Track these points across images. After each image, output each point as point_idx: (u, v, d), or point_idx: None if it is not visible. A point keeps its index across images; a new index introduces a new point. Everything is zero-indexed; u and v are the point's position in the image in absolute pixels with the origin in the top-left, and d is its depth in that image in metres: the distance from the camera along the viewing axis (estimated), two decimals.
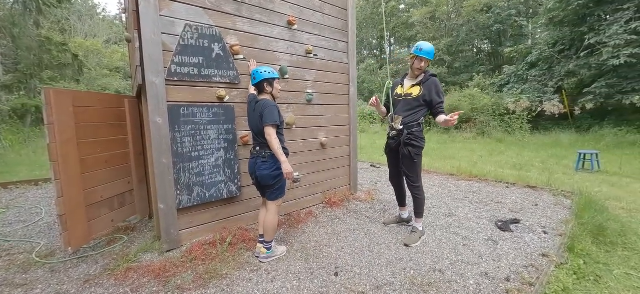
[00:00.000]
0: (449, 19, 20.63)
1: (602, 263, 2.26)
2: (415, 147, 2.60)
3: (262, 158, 2.26)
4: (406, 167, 2.68)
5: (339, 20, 3.82)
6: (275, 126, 2.18)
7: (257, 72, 2.29)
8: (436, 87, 2.57)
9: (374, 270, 2.21)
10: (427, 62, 2.62)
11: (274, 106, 2.23)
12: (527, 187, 4.36)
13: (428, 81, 2.60)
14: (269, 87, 2.31)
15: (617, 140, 8.98)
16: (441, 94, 2.58)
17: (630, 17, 9.53)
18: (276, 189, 2.32)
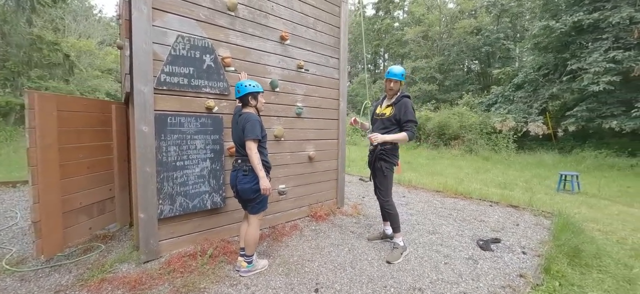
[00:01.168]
0: (441, 39, 21.32)
1: (576, 285, 2.32)
2: (386, 162, 2.76)
3: (242, 172, 2.24)
4: (378, 181, 2.85)
5: (332, 37, 3.91)
6: (256, 140, 2.17)
7: (242, 86, 2.28)
8: (405, 107, 2.72)
9: (355, 287, 2.21)
10: (397, 83, 2.80)
11: (257, 120, 2.23)
12: (510, 206, 4.46)
13: (399, 102, 2.77)
14: (253, 100, 2.32)
15: (598, 162, 9.32)
16: (409, 113, 2.69)
17: (608, 46, 10.07)
18: (257, 202, 2.30)
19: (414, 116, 2.73)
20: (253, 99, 2.32)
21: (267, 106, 3.21)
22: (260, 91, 2.35)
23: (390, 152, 2.78)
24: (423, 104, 17.69)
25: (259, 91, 2.33)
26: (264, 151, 2.31)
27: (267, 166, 2.30)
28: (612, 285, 2.39)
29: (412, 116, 2.70)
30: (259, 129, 2.19)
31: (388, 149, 2.77)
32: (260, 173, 2.14)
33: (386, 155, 2.77)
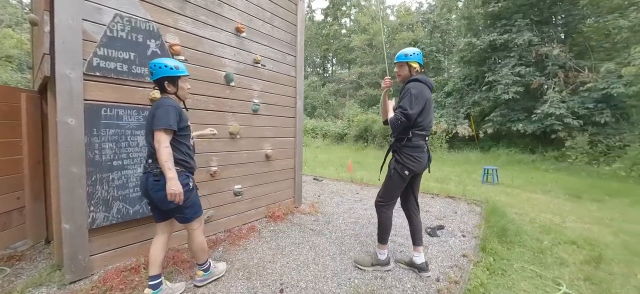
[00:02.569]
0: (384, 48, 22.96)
1: (505, 258, 2.71)
2: (397, 162, 2.25)
3: (153, 176, 1.75)
4: (385, 179, 2.37)
5: (288, 34, 3.86)
6: (169, 131, 1.71)
7: (155, 66, 1.80)
8: (405, 93, 2.17)
9: (320, 283, 2.20)
10: (403, 66, 2.29)
11: (171, 105, 1.76)
12: (448, 197, 5.01)
13: (403, 89, 2.25)
14: (171, 86, 1.86)
15: (509, 158, 11.13)
16: (404, 99, 2.14)
17: (515, 62, 12.13)
18: (186, 209, 1.85)
19: (411, 104, 2.10)
20: (171, 85, 1.86)
21: (221, 100, 3.01)
22: (182, 74, 1.88)
23: (403, 149, 2.22)
24: (369, 108, 18.76)
25: (178, 75, 1.86)
26: (183, 147, 1.86)
27: (186, 166, 1.87)
28: (530, 256, 2.86)
29: (405, 102, 2.12)
30: (174, 118, 1.73)
31: (403, 145, 2.23)
32: (168, 173, 1.66)
33: (399, 152, 2.25)
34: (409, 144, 2.21)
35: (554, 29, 12.65)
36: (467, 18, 15.56)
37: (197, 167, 2.07)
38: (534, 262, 2.74)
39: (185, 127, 1.88)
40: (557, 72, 11.39)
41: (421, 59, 2.30)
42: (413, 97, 2.10)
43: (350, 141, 15.96)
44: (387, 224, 2.39)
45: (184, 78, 1.93)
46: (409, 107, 2.09)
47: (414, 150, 2.21)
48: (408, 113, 2.09)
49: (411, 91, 2.12)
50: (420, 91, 2.13)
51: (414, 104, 2.10)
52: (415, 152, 2.21)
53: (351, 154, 12.71)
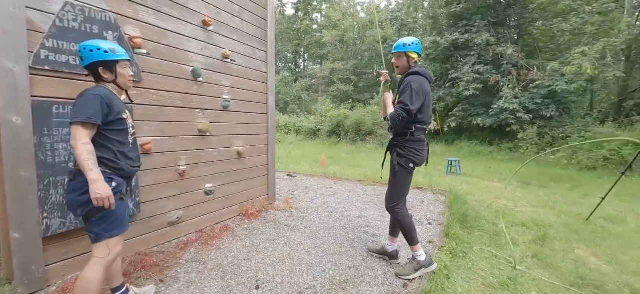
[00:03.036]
0: (355, 44, 23.34)
1: (466, 242, 2.95)
2: (400, 156, 2.17)
3: (68, 175, 1.53)
4: (389, 180, 2.29)
5: (258, 29, 3.79)
6: (86, 124, 1.41)
7: (85, 50, 1.52)
8: (405, 87, 2.08)
9: (296, 277, 2.24)
10: (401, 57, 2.20)
11: (96, 95, 1.48)
12: (416, 188, 5.29)
13: (402, 82, 2.16)
14: (108, 73, 1.59)
15: (470, 150, 11.96)
16: (405, 93, 2.05)
17: (474, 61, 13.00)
18: (98, 220, 1.49)
19: (412, 99, 2.02)
20: (107, 72, 1.58)
21: (189, 97, 2.89)
22: (120, 58, 1.61)
23: (405, 143, 2.16)
24: (341, 103, 19.02)
25: (115, 59, 1.58)
26: (112, 144, 1.55)
27: (112, 166, 1.53)
28: (487, 239, 3.14)
29: (406, 97, 2.03)
30: (96, 109, 1.44)
31: (405, 141, 2.16)
32: (89, 174, 1.37)
33: (400, 146, 2.18)
34: (412, 139, 2.16)
35: (508, 30, 13.75)
36: (432, 17, 16.33)
37: (137, 169, 1.74)
38: (490, 244, 3.01)
39: (118, 120, 1.57)
40: (510, 70, 12.41)
41: (420, 49, 2.21)
42: (414, 92, 2.02)
43: (323, 136, 16.09)
44: (409, 223, 2.26)
45: (124, 63, 1.65)
46: (410, 102, 2.02)
47: (416, 144, 2.17)
48: (409, 109, 2.02)
49: (412, 86, 2.03)
50: (420, 85, 2.06)
51: (415, 99, 2.03)
52: (417, 146, 2.17)
53: (324, 149, 12.83)
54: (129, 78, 1.71)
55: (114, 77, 1.63)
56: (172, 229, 2.77)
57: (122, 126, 1.61)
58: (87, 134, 1.43)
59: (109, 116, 1.52)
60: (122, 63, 1.65)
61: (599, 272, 2.51)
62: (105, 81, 1.61)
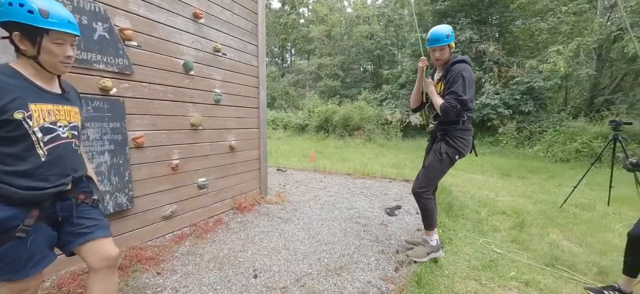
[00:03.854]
0: (342, 40, 23.37)
1: (452, 229, 3.11)
2: (448, 146, 2.13)
3: None
4: (426, 163, 2.28)
5: (249, 22, 3.78)
6: None
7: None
8: (452, 76, 2.02)
9: (292, 265, 2.31)
10: (443, 50, 2.15)
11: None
12: (404, 180, 5.46)
13: (449, 71, 2.09)
14: (27, 44, 1.10)
15: None
16: (455, 83, 1.99)
17: None
18: None
19: (464, 89, 1.97)
20: (25, 42, 1.10)
21: (180, 90, 2.87)
22: (52, 27, 1.11)
23: (456, 133, 2.12)
24: (329, 99, 19.09)
25: (46, 28, 1.09)
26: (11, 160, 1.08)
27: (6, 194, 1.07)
28: (471, 226, 3.32)
29: (458, 87, 1.98)
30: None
31: (458, 129, 2.12)
32: None
33: (451, 136, 2.13)
34: (462, 128, 2.13)
35: (490, 28, 14.21)
36: (418, 14, 16.60)
37: (52, 191, 1.16)
38: (474, 230, 3.20)
39: (5, 122, 1.04)
40: (492, 67, 12.87)
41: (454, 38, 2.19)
42: (466, 81, 1.97)
43: (311, 131, 16.13)
44: (433, 209, 2.28)
45: (58, 36, 1.12)
46: (464, 92, 1.97)
47: (465, 133, 2.15)
48: (463, 99, 1.96)
49: (463, 75, 1.98)
50: (471, 75, 2.03)
51: (468, 88, 1.97)
52: (466, 136, 2.15)
53: (313, 144, 12.89)
54: (62, 59, 1.16)
55: (35, 52, 1.10)
56: (166, 223, 2.77)
57: (13, 131, 1.06)
58: None
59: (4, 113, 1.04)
60: (55, 35, 1.11)
61: (571, 253, 2.73)
62: (22, 53, 1.12)
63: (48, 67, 1.17)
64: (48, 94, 1.20)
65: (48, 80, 1.21)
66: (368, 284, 2.06)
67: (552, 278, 2.31)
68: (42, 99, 1.16)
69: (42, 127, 1.14)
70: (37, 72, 1.17)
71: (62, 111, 1.23)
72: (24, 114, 1.09)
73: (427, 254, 2.33)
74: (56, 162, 1.18)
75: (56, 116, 1.20)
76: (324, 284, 2.05)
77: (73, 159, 1.28)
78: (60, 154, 1.20)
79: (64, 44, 1.17)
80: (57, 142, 1.19)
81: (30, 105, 1.11)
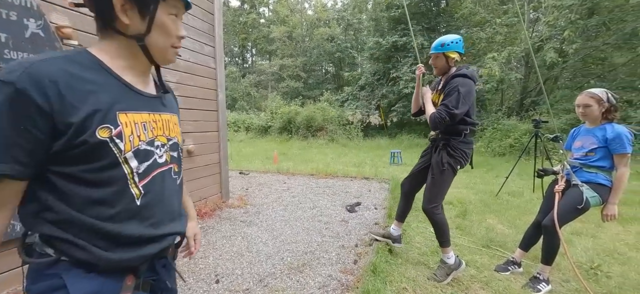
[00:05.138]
0: (304, 41, 23.55)
1: (406, 221, 3.38)
2: (450, 156, 2.10)
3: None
4: (429, 178, 2.20)
5: (205, 23, 3.69)
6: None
7: None
8: (452, 89, 1.97)
9: (255, 267, 2.33)
10: (440, 58, 2.11)
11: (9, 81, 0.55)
12: (364, 178, 5.75)
13: (448, 84, 2.05)
14: (131, 14, 0.68)
15: (410, 142, 13.26)
16: (453, 97, 1.94)
17: (411, 62, 14.38)
18: None
19: (458, 103, 1.93)
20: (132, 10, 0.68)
21: None
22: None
23: (458, 144, 2.09)
24: (292, 100, 19.10)
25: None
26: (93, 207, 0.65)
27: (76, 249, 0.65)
28: (422, 217, 3.62)
29: (452, 100, 1.94)
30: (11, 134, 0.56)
31: (459, 142, 2.09)
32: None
33: (451, 147, 2.10)
34: (464, 141, 2.12)
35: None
36: (375, 20, 17.45)
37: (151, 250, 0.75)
38: (424, 221, 3.50)
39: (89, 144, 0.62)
40: None
41: (462, 48, 2.08)
42: (461, 96, 1.93)
43: (274, 133, 15.98)
44: (445, 223, 2.21)
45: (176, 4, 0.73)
46: (456, 106, 1.93)
47: (466, 146, 2.14)
48: (454, 113, 1.93)
49: (459, 89, 1.93)
50: (469, 90, 1.96)
51: (461, 103, 1.93)
52: (467, 148, 2.15)
53: (276, 146, 12.80)
54: (175, 42, 0.77)
55: (144, 29, 0.69)
56: None
57: (95, 160, 0.64)
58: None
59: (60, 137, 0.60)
60: (173, 3, 0.72)
61: (503, 234, 3.17)
62: (118, 30, 0.70)
63: (156, 54, 0.74)
64: (142, 97, 0.75)
65: (141, 75, 0.77)
66: (329, 278, 2.18)
67: (487, 257, 2.66)
68: (136, 105, 0.72)
69: (136, 151, 0.70)
70: (131, 63, 0.73)
71: (160, 121, 0.79)
72: (112, 130, 0.65)
73: (446, 276, 2.19)
74: (155, 204, 0.75)
75: (153, 130, 0.76)
76: (287, 282, 2.12)
77: (176, 196, 0.86)
78: (159, 191, 0.76)
79: (178, 19, 0.76)
80: (154, 172, 0.75)
81: (120, 116, 0.67)
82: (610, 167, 2.02)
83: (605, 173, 2.04)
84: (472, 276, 2.34)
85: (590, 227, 3.40)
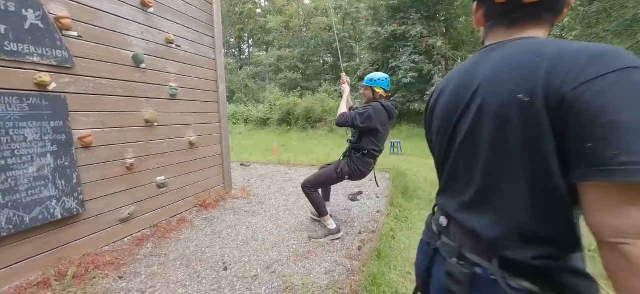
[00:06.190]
0: (301, 31, 23.27)
1: (407, 209, 3.44)
2: (347, 165, 2.55)
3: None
4: (328, 166, 2.74)
5: (203, 13, 3.64)
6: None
7: None
8: (366, 107, 2.39)
9: (262, 255, 2.37)
10: (368, 90, 2.56)
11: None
12: None
13: (369, 104, 2.49)
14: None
15: (410, 132, 13.29)
16: (364, 113, 2.33)
17: (411, 51, 14.27)
18: None
19: (363, 119, 2.34)
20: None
21: (131, 85, 2.70)
22: None
23: (357, 159, 2.51)
24: (290, 91, 19.00)
25: None
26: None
27: None
28: (425, 205, 3.70)
29: (361, 115, 2.35)
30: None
31: (356, 156, 2.52)
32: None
33: (352, 160, 2.54)
34: (363, 160, 2.51)
35: (438, 24, 15.34)
36: (373, 8, 17.23)
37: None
38: (426, 208, 3.56)
39: None
40: (440, 60, 13.98)
41: (387, 85, 2.53)
42: (370, 115, 2.33)
43: (273, 125, 15.96)
44: (318, 199, 2.67)
45: None
46: (360, 121, 2.34)
47: (363, 165, 2.54)
48: (356, 124, 2.36)
49: (370, 111, 2.35)
50: (377, 114, 2.36)
51: (366, 121, 2.34)
52: (363, 166, 2.54)
53: (276, 138, 12.80)
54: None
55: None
56: (124, 226, 2.61)
57: None
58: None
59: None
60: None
61: None
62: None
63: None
64: None
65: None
66: (334, 263, 2.22)
67: None
68: None
69: None
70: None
71: None
72: None
73: (325, 236, 2.64)
74: None
75: None
76: (294, 268, 2.16)
77: None
78: None
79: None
80: None
81: None
82: None
83: None
84: None
85: None
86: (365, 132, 2.45)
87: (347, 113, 2.41)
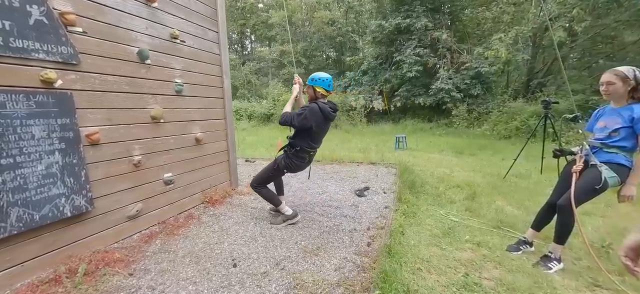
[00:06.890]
0: (304, 26, 23.06)
1: (415, 204, 3.40)
2: (283, 159, 2.72)
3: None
4: (268, 165, 2.91)
5: (208, 7, 3.59)
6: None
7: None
8: (306, 107, 2.55)
9: (270, 251, 2.36)
10: (309, 88, 2.69)
11: None
12: (370, 163, 5.74)
13: (308, 104, 2.65)
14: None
15: (414, 127, 13.17)
16: (302, 113, 2.49)
17: (415, 44, 14.07)
18: None
19: (299, 118, 2.48)
20: None
21: (137, 81, 2.68)
22: None
23: (292, 154, 2.69)
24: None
25: None
26: None
27: None
28: (432, 200, 3.66)
29: (299, 115, 2.49)
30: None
31: (291, 151, 2.69)
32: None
33: (287, 154, 2.73)
34: (297, 155, 2.68)
35: (443, 16, 15.09)
36: (377, 1, 16.98)
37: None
38: (434, 203, 3.52)
39: None
40: (445, 53, 13.78)
41: (327, 85, 2.64)
42: (306, 115, 2.48)
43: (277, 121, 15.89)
44: (269, 194, 2.87)
45: None
46: (297, 121, 2.49)
47: (297, 159, 2.70)
48: (293, 123, 2.51)
49: (306, 111, 2.49)
50: (313, 114, 2.51)
51: (302, 120, 2.48)
52: (298, 161, 2.70)
53: (279, 133, 12.76)
54: None
55: None
56: (132, 223, 2.61)
57: None
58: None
59: None
60: None
61: (512, 215, 3.17)
62: None
63: None
64: None
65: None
66: (344, 260, 2.20)
67: (498, 238, 2.68)
68: None
69: None
70: None
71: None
72: None
73: (283, 221, 2.85)
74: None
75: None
76: (303, 265, 2.14)
77: None
78: None
79: None
80: None
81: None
82: (632, 148, 1.98)
83: (625, 153, 2.00)
84: (484, 255, 2.36)
85: (600, 207, 3.40)
86: (300, 131, 2.60)
87: (288, 113, 2.54)
